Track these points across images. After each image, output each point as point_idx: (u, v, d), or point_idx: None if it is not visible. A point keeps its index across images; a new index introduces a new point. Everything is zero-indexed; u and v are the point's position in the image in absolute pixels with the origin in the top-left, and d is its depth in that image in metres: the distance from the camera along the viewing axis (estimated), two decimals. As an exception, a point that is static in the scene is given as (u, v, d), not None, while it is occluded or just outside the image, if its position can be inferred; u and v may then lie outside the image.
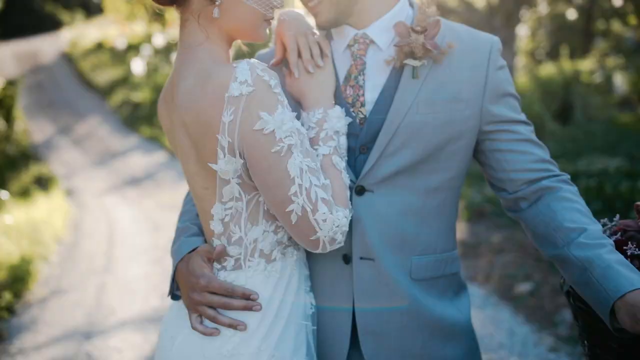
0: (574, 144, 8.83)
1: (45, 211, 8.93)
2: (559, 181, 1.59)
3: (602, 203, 5.66)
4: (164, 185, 10.27)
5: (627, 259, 1.51)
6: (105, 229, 8.26)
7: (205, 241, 1.59)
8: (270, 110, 1.38)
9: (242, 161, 1.42)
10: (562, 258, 1.49)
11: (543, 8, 15.45)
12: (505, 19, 10.27)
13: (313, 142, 1.52)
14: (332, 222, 1.42)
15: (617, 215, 1.65)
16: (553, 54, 16.19)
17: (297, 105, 1.61)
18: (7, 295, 5.52)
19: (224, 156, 1.41)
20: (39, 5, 29.30)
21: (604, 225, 1.65)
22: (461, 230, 6.33)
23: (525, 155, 1.60)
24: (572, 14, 16.93)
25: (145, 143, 13.68)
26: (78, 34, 23.76)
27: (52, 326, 5.13)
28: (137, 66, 17.66)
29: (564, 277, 1.54)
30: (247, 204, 1.48)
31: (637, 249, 1.52)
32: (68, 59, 22.39)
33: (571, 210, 1.52)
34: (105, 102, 17.34)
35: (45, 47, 24.52)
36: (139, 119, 15.18)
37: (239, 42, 1.59)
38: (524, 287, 4.89)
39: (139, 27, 22.22)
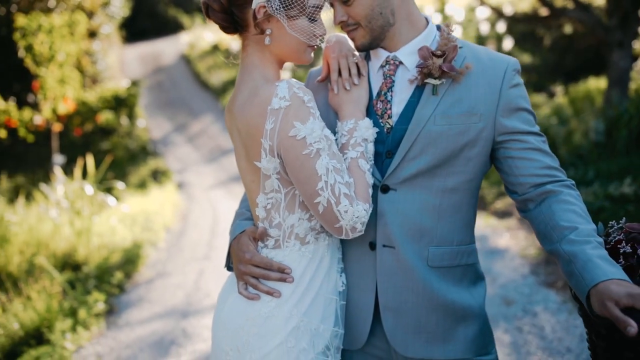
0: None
1: (158, 202, 9.72)
2: (562, 186, 1.80)
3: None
4: (266, 182, 10.81)
5: (619, 256, 1.71)
6: (209, 220, 8.90)
7: (254, 224, 1.94)
8: (303, 120, 1.71)
9: (279, 161, 1.75)
10: (555, 252, 1.72)
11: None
12: (620, 19, 9.97)
13: (344, 147, 1.82)
14: (352, 213, 1.71)
15: (624, 219, 1.84)
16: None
17: (336, 115, 1.92)
18: (119, 275, 6.19)
19: (266, 156, 1.75)
20: (162, 10, 31.21)
21: (611, 227, 1.84)
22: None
23: (534, 162, 1.82)
24: None
25: (252, 142, 14.35)
26: (196, 36, 25.09)
27: (155, 304, 5.72)
28: (249, 68, 18.48)
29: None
30: (285, 195, 1.81)
31: (629, 248, 1.71)
32: (186, 60, 23.72)
33: (568, 212, 1.74)
34: (218, 102, 18.29)
35: (167, 49, 26.07)
36: (248, 118, 15.90)
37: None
38: (602, 296, 4.89)
39: (252, 31, 23.15)
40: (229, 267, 2.00)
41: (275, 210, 1.83)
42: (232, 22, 1.82)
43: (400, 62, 1.88)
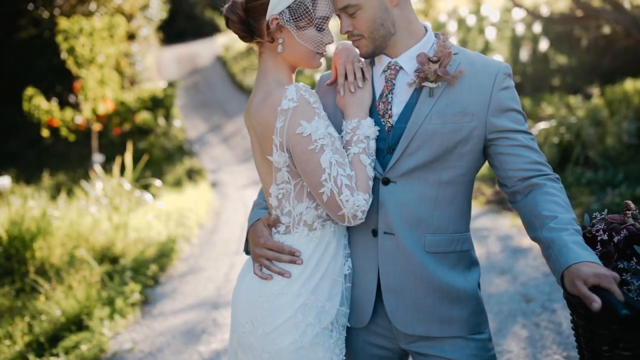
0: None
1: (192, 200, 10.03)
2: (546, 179, 1.98)
3: None
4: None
5: (596, 243, 1.88)
6: (241, 218, 9.15)
7: (269, 212, 2.15)
8: (309, 119, 1.92)
9: (288, 155, 1.97)
10: (537, 239, 1.90)
11: None
12: (656, 19, 9.92)
13: (348, 143, 2.02)
14: (353, 202, 1.92)
15: (606, 210, 2.01)
16: None
17: (342, 115, 2.12)
18: (154, 268, 6.49)
19: (277, 151, 1.97)
20: (199, 12, 31.76)
21: (594, 217, 2.01)
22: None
23: (521, 158, 2.00)
24: None
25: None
26: (231, 38, 25.44)
27: (188, 296, 5.99)
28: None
29: None
30: (294, 186, 2.03)
31: (606, 236, 1.88)
32: (222, 62, 24.11)
33: (550, 202, 1.91)
34: (252, 103, 18.56)
35: (203, 51, 26.51)
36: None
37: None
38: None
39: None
40: (246, 251, 2.22)
41: (286, 200, 2.05)
42: (249, 32, 2.04)
43: (401, 67, 2.08)
